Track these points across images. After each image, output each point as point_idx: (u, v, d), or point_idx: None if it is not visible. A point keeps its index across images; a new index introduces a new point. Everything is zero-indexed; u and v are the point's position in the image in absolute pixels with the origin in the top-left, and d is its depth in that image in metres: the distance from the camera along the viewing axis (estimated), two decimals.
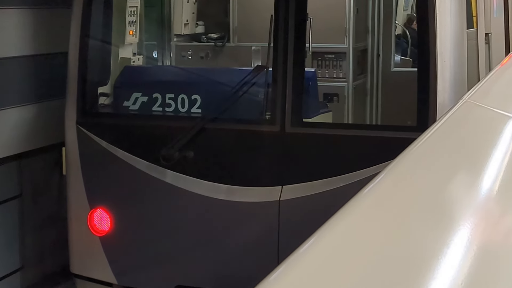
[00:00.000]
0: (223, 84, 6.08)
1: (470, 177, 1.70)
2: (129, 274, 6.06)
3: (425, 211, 1.50)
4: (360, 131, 6.14)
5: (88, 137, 6.05)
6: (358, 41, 7.74)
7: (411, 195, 1.58)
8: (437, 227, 1.39)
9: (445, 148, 1.88)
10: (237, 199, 5.61)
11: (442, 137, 1.94)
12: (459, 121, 2.17)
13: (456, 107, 2.27)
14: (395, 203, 1.56)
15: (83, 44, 6.08)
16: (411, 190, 1.62)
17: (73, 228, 6.21)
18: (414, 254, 1.27)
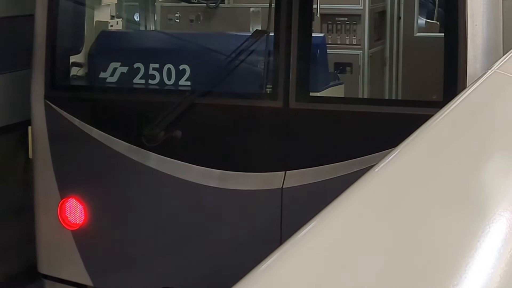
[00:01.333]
0: (216, 52, 6.13)
1: (500, 160, 1.69)
2: (106, 275, 6.08)
3: (448, 198, 1.51)
4: (377, 107, 6.12)
5: (58, 114, 6.05)
6: (375, 1, 7.78)
7: (429, 180, 1.59)
8: (466, 218, 1.39)
9: (469, 126, 1.88)
10: (232, 187, 5.61)
11: (465, 113, 1.93)
12: (485, 94, 2.15)
13: (483, 78, 2.26)
14: (411, 189, 1.58)
15: (52, 5, 6.04)
16: (429, 174, 1.63)
17: (41, 221, 6.21)
18: (436, 248, 1.28)
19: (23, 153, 6.55)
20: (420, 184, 1.61)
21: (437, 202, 1.47)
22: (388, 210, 1.50)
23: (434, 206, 1.44)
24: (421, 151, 1.76)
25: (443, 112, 1.98)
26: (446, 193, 1.52)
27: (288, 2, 5.54)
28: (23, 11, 6.51)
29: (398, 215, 1.45)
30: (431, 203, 1.47)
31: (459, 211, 1.40)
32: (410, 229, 1.36)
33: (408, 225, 1.38)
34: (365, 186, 1.67)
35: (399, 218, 1.43)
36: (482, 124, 1.97)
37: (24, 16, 6.48)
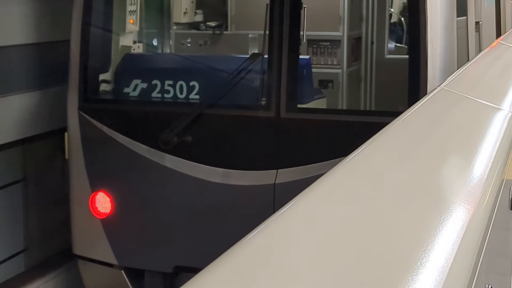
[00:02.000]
0: (220, 71, 6.10)
1: (454, 161, 1.72)
2: (129, 255, 6.09)
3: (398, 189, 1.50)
4: (353, 116, 6.17)
5: (89, 123, 6.07)
6: (352, 29, 7.73)
7: (380, 174, 1.58)
8: (429, 209, 1.38)
9: (414, 132, 1.91)
10: (233, 182, 5.63)
11: (415, 122, 1.97)
12: (431, 107, 2.21)
13: (432, 93, 2.33)
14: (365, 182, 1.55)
15: (85, 32, 6.08)
16: (380, 170, 1.63)
17: (75, 210, 6.25)
18: (405, 233, 1.25)
19: (61, 155, 6.55)
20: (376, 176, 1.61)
21: (402, 195, 1.46)
22: (356, 201, 1.47)
23: (399, 198, 1.44)
24: (376, 149, 1.77)
25: (399, 120, 2.04)
26: (411, 188, 1.50)
27: (279, 30, 5.57)
28: (63, 37, 6.49)
29: (367, 205, 1.42)
30: (396, 195, 1.46)
31: (423, 203, 1.39)
32: (380, 216, 1.33)
33: (380, 213, 1.35)
34: (335, 177, 1.67)
35: (369, 208, 1.39)
36: (431, 130, 2.01)
37: (63, 42, 6.46)
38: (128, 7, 6.74)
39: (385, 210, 1.34)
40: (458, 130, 1.99)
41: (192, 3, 8.05)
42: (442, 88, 2.42)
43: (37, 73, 6.68)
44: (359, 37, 7.95)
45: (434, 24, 5.29)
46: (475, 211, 1.26)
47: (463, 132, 1.96)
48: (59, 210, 6.90)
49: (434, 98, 2.29)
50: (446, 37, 5.39)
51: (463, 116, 2.14)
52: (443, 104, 2.26)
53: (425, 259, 1.06)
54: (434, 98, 2.28)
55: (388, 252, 1.14)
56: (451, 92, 2.37)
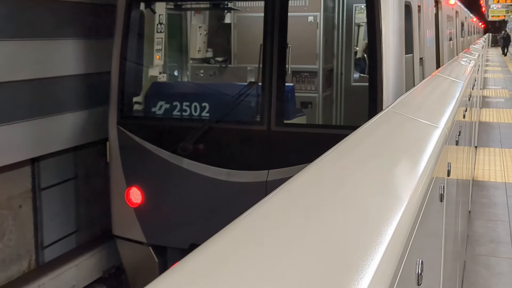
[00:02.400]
0: (225, 95, 6.07)
1: (382, 163, 1.72)
2: (155, 235, 6.09)
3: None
4: (327, 129, 6.19)
5: (125, 134, 6.08)
6: (326, 63, 7.75)
7: (339, 176, 1.58)
8: (386, 201, 1.39)
9: (364, 143, 1.91)
10: (235, 180, 5.64)
11: (364, 135, 1.98)
12: (379, 124, 2.22)
13: (380, 114, 2.34)
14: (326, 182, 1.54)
15: (122, 65, 6.11)
16: (340, 170, 1.63)
17: (114, 201, 6.26)
18: (365, 222, 1.21)
19: (103, 158, 6.58)
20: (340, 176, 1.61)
21: (360, 190, 1.43)
22: (326, 195, 1.41)
23: (361, 193, 1.42)
24: (338, 156, 1.77)
25: (356, 133, 2.05)
26: (370, 185, 1.49)
27: (270, 64, 5.56)
28: (106, 69, 6.52)
29: (336, 199, 1.38)
30: (354, 190, 1.44)
31: (380, 197, 1.38)
32: (345, 208, 1.29)
33: (342, 204, 1.32)
34: (306, 175, 1.65)
35: (337, 201, 1.35)
36: (381, 141, 2.02)
37: (105, 72, 6.49)
38: (155, 46, 6.78)
39: (346, 201, 1.33)
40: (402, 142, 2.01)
41: (204, 43, 8.09)
42: (389, 110, 2.43)
43: (85, 96, 6.73)
44: (331, 69, 7.95)
45: (388, 60, 5.30)
46: (409, 201, 1.28)
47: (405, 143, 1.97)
48: (101, 201, 6.94)
49: (383, 117, 2.30)
50: (397, 70, 5.40)
51: (406, 132, 2.15)
52: (390, 122, 2.27)
53: (373, 236, 1.06)
54: (384, 117, 2.29)
55: (348, 232, 1.13)
56: (397, 113, 2.39)
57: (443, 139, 1.94)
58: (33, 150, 6.12)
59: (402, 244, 1.03)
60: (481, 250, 6.05)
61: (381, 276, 0.88)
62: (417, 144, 1.86)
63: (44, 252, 6.59)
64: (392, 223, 1.11)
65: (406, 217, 1.15)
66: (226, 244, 1.04)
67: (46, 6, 6.13)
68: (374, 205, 1.29)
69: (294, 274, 0.90)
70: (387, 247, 0.99)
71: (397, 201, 1.26)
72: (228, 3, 7.80)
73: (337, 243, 1.05)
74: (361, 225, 1.14)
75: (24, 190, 6.33)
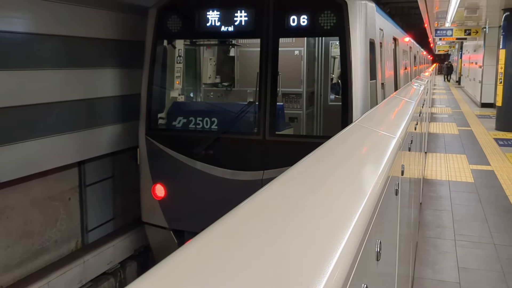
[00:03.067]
0: (230, 112, 6.08)
1: (349, 165, 1.70)
2: (175, 221, 6.09)
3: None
4: (309, 139, 6.22)
5: (152, 143, 6.08)
6: (308, 87, 7.76)
7: (314, 176, 1.55)
8: (354, 195, 1.35)
9: (336, 150, 1.91)
10: (237, 178, 5.63)
11: (335, 144, 1.97)
12: (348, 135, 2.22)
13: (350, 127, 2.35)
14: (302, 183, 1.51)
15: (150, 88, 6.12)
16: (316, 171, 1.61)
17: (143, 195, 6.24)
18: (340, 211, 1.19)
19: (135, 161, 6.58)
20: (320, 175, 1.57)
21: (332, 187, 1.41)
22: (300, 191, 1.37)
23: (336, 187, 1.40)
24: (312, 162, 1.76)
25: (328, 141, 2.04)
26: (340, 182, 1.47)
27: (265, 87, 5.58)
28: (136, 91, 6.54)
29: (314, 193, 1.34)
30: (334, 186, 1.42)
31: (350, 191, 1.36)
32: (320, 200, 1.26)
33: (320, 198, 1.29)
34: (289, 175, 1.57)
35: (314, 195, 1.32)
36: (349, 148, 2.01)
37: (136, 94, 6.51)
38: (176, 73, 6.81)
39: (321, 195, 1.32)
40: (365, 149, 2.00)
41: (214, 71, 8.11)
42: (356, 123, 2.43)
43: (121, 113, 6.74)
44: (313, 92, 7.96)
45: (356, 85, 5.33)
46: (370, 194, 1.28)
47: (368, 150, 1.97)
48: (133, 195, 6.94)
49: (351, 129, 2.29)
50: (363, 92, 5.40)
51: (369, 141, 2.14)
52: (357, 133, 2.26)
53: (341, 222, 1.06)
54: (352, 130, 2.29)
55: (321, 218, 1.11)
56: (362, 126, 2.38)
57: (397, 147, 1.94)
58: (80, 155, 6.12)
59: (363, 227, 1.04)
60: (430, 234, 6.05)
61: (346, 252, 0.89)
62: (377, 150, 1.86)
63: (88, 235, 6.58)
64: (357, 212, 1.11)
65: (368, 207, 1.16)
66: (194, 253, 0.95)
67: (90, 43, 6.14)
68: (344, 198, 1.29)
69: (272, 254, 0.88)
70: (351, 230, 0.99)
71: (361, 195, 1.26)
72: (232, 40, 7.82)
73: (312, 227, 1.04)
74: (332, 214, 1.13)
75: (72, 186, 6.33)
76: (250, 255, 0.87)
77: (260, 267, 0.81)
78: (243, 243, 0.93)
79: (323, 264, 0.82)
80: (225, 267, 0.82)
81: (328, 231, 1.02)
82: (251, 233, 0.99)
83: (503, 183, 8.31)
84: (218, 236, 0.98)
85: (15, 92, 5.02)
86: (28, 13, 5.19)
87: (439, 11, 15.14)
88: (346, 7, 5.28)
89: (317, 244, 0.92)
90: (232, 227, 1.03)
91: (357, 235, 0.97)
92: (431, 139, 12.83)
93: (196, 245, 0.94)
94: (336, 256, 0.86)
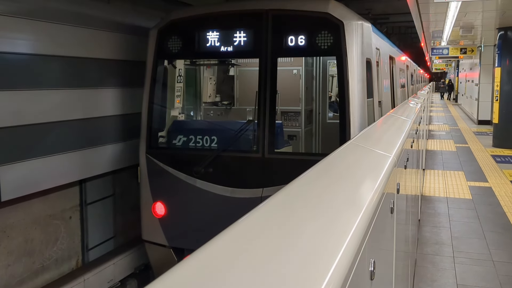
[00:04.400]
0: (229, 130, 6.07)
1: (343, 184, 1.69)
2: (175, 239, 6.03)
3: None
4: (308, 156, 6.17)
5: (152, 161, 6.05)
6: (307, 105, 7.78)
7: (314, 194, 1.53)
8: (351, 211, 1.35)
9: (332, 168, 1.90)
10: (236, 196, 5.59)
11: (331, 162, 1.97)
12: (345, 153, 2.22)
13: (345, 145, 2.34)
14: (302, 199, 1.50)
15: (150, 108, 6.12)
16: (314, 187, 1.60)
17: (143, 213, 6.19)
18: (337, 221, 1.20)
19: (135, 179, 6.58)
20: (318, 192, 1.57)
21: (329, 202, 1.41)
22: (299, 206, 1.37)
23: (328, 207, 1.38)
24: (313, 176, 1.76)
25: (324, 160, 2.04)
26: (335, 200, 1.47)
27: (264, 106, 5.58)
28: (137, 110, 6.56)
29: (310, 207, 1.35)
30: (326, 205, 1.40)
31: (342, 210, 1.35)
32: (317, 216, 1.26)
33: (315, 214, 1.28)
34: (287, 191, 1.56)
35: (311, 210, 1.31)
36: (345, 166, 2.01)
37: (137, 113, 6.53)
38: (176, 93, 6.83)
39: (316, 211, 1.31)
40: (359, 166, 2.00)
41: (214, 90, 8.14)
42: (351, 142, 2.43)
43: (121, 132, 6.76)
44: (311, 110, 7.96)
45: (353, 103, 5.33)
46: (364, 212, 1.27)
47: (362, 167, 1.96)
48: (133, 213, 6.90)
49: (346, 148, 2.29)
50: (360, 110, 5.40)
51: (364, 159, 2.14)
52: (351, 152, 2.26)
53: (334, 240, 1.05)
54: (346, 148, 2.29)
55: (315, 235, 1.11)
56: (357, 144, 2.38)
57: (392, 164, 1.94)
58: (81, 173, 6.12)
59: (356, 246, 1.02)
60: (428, 250, 6.00)
61: (337, 273, 0.88)
62: (372, 168, 1.86)
63: (88, 253, 6.54)
64: (349, 231, 1.11)
65: (361, 225, 1.15)
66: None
67: (91, 63, 6.19)
68: (337, 217, 1.28)
69: (260, 275, 0.87)
70: (344, 250, 0.98)
71: (354, 213, 1.25)
72: (231, 60, 7.87)
73: (304, 247, 1.04)
74: (325, 233, 1.12)
75: (73, 204, 6.31)
76: (240, 274, 0.86)
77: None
78: (234, 263, 0.92)
79: (314, 284, 0.81)
80: (218, 285, 0.81)
81: (320, 250, 1.01)
82: (240, 252, 0.98)
83: (501, 200, 8.28)
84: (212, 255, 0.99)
85: (17, 112, 5.04)
86: (30, 35, 5.23)
87: (435, 31, 15.27)
88: (343, 27, 5.31)
89: (308, 264, 0.91)
90: (227, 244, 1.01)
91: (349, 254, 0.96)
92: (429, 156, 12.82)
93: (191, 263, 0.94)
94: (327, 276, 0.85)
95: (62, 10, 5.65)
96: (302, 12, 5.50)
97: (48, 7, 5.45)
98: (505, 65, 13.93)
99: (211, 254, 0.99)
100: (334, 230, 1.12)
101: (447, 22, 11.95)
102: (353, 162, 2.00)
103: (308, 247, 1.02)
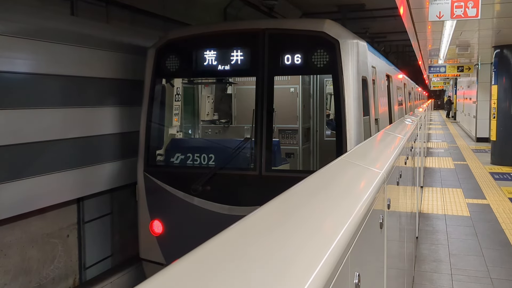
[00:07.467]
0: (227, 148, 6.09)
1: (331, 198, 1.72)
2: (173, 257, 5.99)
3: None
4: (305, 174, 6.16)
5: (150, 179, 6.07)
6: (304, 123, 7.82)
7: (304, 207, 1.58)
8: (341, 219, 1.38)
9: (322, 183, 1.92)
10: (234, 213, 5.58)
11: (321, 178, 1.99)
12: (334, 169, 2.24)
13: (335, 161, 2.38)
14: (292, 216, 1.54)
15: (148, 126, 6.15)
16: (303, 200, 1.63)
17: (141, 231, 6.19)
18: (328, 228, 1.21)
19: (133, 197, 6.56)
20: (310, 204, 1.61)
21: (318, 213, 1.45)
22: (293, 211, 1.43)
23: (316, 215, 1.42)
24: (302, 189, 1.78)
25: (314, 175, 2.07)
26: (325, 210, 1.50)
27: (261, 124, 5.61)
28: (135, 129, 6.59)
29: (301, 214, 1.39)
30: (314, 214, 1.44)
31: (327, 224, 1.36)
32: (301, 227, 1.28)
33: (302, 225, 1.30)
34: (276, 202, 1.65)
35: (298, 221, 1.33)
36: (328, 183, 2.05)
37: (134, 131, 6.56)
38: (174, 111, 6.87)
39: (304, 222, 1.33)
40: (351, 182, 2.04)
41: (212, 109, 8.20)
42: (342, 159, 2.46)
43: (119, 150, 6.79)
44: (309, 128, 8.00)
45: (349, 120, 5.36)
46: (348, 226, 1.29)
47: (350, 183, 2.00)
48: (131, 231, 6.89)
49: (337, 164, 2.33)
50: (357, 128, 5.43)
51: (354, 174, 2.18)
52: (342, 167, 2.29)
53: (318, 250, 1.08)
54: (337, 164, 2.32)
55: (299, 245, 1.13)
56: (348, 161, 2.42)
57: (381, 180, 1.97)
58: (79, 192, 6.14)
59: (337, 258, 1.06)
60: (426, 268, 6.00)
61: (319, 277, 0.91)
62: (359, 184, 1.90)
63: (86, 272, 6.52)
64: (332, 240, 1.14)
65: (344, 236, 1.18)
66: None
67: (89, 82, 6.26)
68: (324, 227, 1.31)
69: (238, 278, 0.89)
70: (325, 260, 1.01)
71: (339, 225, 1.29)
72: (229, 79, 7.94)
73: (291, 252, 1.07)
74: (307, 244, 1.15)
75: (71, 223, 6.31)
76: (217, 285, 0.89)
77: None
78: (209, 276, 0.95)
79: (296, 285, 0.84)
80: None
81: (302, 259, 1.03)
82: (218, 265, 1.01)
83: (499, 217, 8.29)
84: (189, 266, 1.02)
85: (15, 130, 5.09)
86: (29, 54, 5.31)
87: (432, 49, 15.43)
88: (339, 46, 5.38)
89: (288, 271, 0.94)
90: (205, 256, 1.04)
91: (330, 263, 1.00)
92: (428, 174, 12.84)
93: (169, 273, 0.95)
94: (308, 282, 0.88)
95: (62, 30, 5.74)
96: (299, 31, 5.58)
97: (47, 27, 5.53)
98: (502, 83, 14.06)
99: (184, 269, 1.03)
100: (317, 240, 1.16)
101: (443, 40, 12.10)
102: (342, 177, 2.04)
103: (288, 255, 1.05)
